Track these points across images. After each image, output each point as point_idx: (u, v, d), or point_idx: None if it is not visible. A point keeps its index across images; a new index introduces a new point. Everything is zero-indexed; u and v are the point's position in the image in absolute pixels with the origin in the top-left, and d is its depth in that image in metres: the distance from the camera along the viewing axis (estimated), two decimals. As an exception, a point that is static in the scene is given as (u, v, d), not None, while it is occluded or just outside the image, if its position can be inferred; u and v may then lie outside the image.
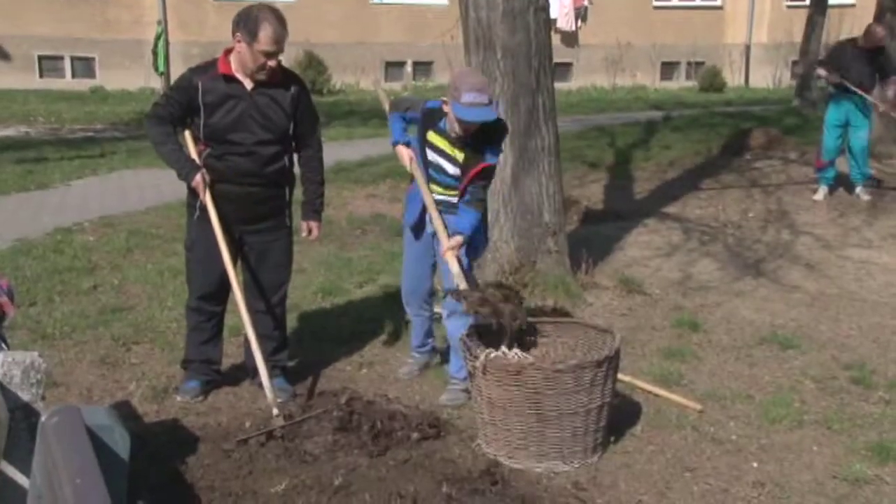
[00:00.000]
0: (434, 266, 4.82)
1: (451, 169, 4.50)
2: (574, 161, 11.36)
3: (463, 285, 4.30)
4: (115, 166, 11.40)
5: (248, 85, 4.36)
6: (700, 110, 17.91)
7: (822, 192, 9.51)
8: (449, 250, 4.37)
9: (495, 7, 6.11)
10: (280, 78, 4.42)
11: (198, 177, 4.36)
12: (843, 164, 9.74)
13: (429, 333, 5.07)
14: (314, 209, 4.74)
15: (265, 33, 4.22)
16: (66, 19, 19.62)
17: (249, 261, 4.62)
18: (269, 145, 4.43)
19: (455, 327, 4.58)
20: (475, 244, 4.64)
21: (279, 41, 4.28)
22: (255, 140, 4.39)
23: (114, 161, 11.72)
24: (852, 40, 9.43)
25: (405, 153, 4.64)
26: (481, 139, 4.42)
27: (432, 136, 4.53)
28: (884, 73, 9.11)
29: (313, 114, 4.63)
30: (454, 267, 4.34)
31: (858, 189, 9.51)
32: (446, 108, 4.39)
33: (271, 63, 4.31)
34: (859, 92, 8.95)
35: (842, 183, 9.81)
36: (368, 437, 4.09)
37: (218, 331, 4.76)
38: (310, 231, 4.74)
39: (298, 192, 4.76)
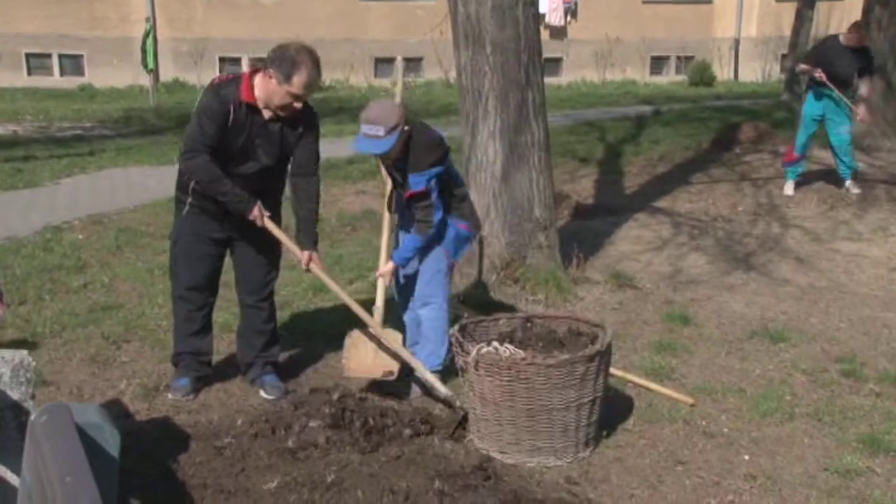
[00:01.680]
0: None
1: (400, 194, 4.64)
2: (564, 156, 11.36)
3: (377, 318, 4.61)
4: (104, 164, 11.36)
5: (266, 115, 4.32)
6: (690, 105, 17.94)
7: (790, 186, 9.53)
8: (379, 275, 4.70)
9: (484, 2, 6.11)
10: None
11: (256, 211, 4.36)
12: (831, 158, 9.79)
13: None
14: (312, 240, 4.60)
15: (300, 79, 4.17)
16: (54, 16, 19.54)
17: (237, 256, 4.62)
18: (269, 172, 4.45)
19: (429, 317, 4.66)
20: (436, 258, 4.70)
21: (312, 88, 4.25)
22: (259, 168, 4.40)
23: (103, 159, 11.68)
24: (836, 37, 9.50)
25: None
26: (406, 167, 4.50)
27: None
28: (864, 71, 9.16)
29: (315, 151, 4.57)
30: (378, 297, 4.65)
31: (848, 183, 9.53)
32: None
33: (297, 105, 4.27)
34: (836, 91, 9.00)
35: (830, 176, 9.84)
36: (361, 433, 4.08)
37: (206, 323, 4.74)
38: (309, 261, 4.56)
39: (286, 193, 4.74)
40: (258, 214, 4.36)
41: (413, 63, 22.89)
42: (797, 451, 4.17)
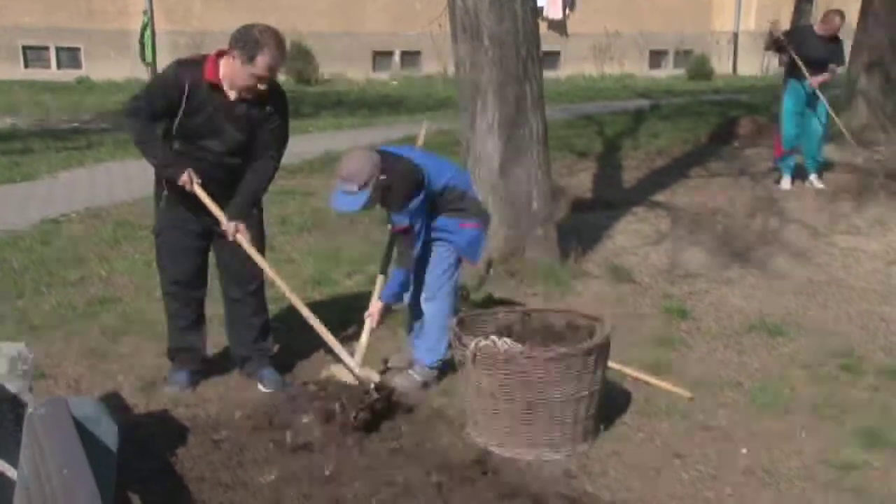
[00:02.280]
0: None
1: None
2: (563, 150, 11.36)
3: (357, 358, 4.54)
4: (102, 157, 11.34)
5: (232, 96, 4.27)
6: (688, 98, 17.96)
7: (787, 181, 9.54)
8: (368, 315, 4.69)
9: (482, -5, 6.10)
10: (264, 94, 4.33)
11: (185, 176, 4.30)
12: (829, 152, 9.80)
13: None
14: (240, 211, 4.42)
15: (263, 59, 4.12)
16: (51, 9, 19.50)
17: (219, 248, 4.59)
18: (237, 155, 4.39)
19: (432, 312, 4.63)
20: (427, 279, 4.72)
21: (275, 68, 4.21)
22: (224, 149, 4.35)
23: (101, 152, 11.66)
24: (811, 25, 9.55)
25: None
26: (388, 206, 4.52)
27: None
28: (833, 61, 9.22)
29: (282, 134, 4.48)
30: (363, 336, 4.63)
31: (812, 177, 9.54)
32: None
33: (261, 86, 4.22)
34: (804, 71, 9.04)
35: (827, 170, 9.86)
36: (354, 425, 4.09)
37: (197, 317, 4.72)
38: (235, 232, 4.39)
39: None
40: (187, 179, 4.30)
41: (411, 57, 22.88)
42: (795, 445, 4.17)
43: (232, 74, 4.22)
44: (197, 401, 4.53)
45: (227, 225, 4.38)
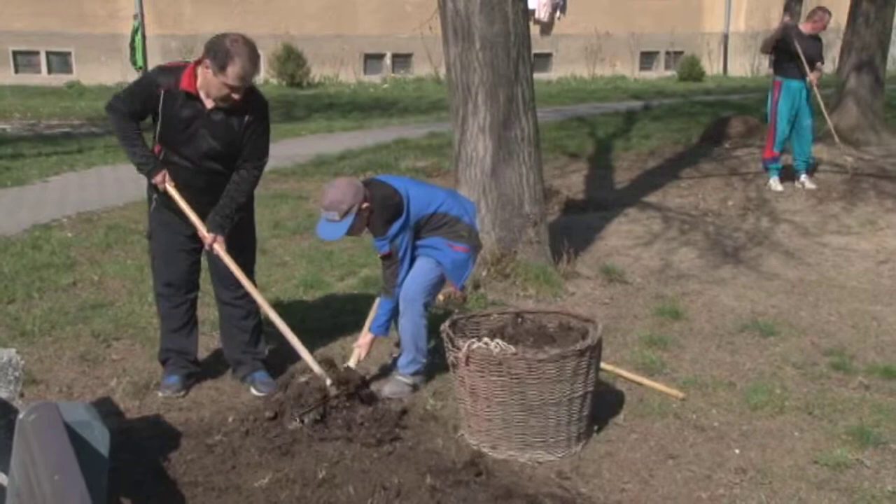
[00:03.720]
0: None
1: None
2: (554, 151, 11.38)
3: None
4: (93, 162, 11.32)
5: (208, 105, 4.30)
6: (679, 99, 18.00)
7: (776, 181, 9.55)
8: (357, 346, 4.65)
9: (473, -3, 6.11)
10: (241, 102, 4.32)
11: (158, 177, 4.37)
12: (819, 151, 9.82)
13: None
14: (220, 224, 4.43)
15: (233, 70, 4.13)
16: (41, 13, 19.45)
17: (212, 254, 4.58)
18: (216, 161, 4.41)
19: (405, 328, 4.62)
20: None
21: (246, 78, 4.21)
22: (203, 155, 4.37)
23: (92, 157, 11.64)
24: (795, 25, 9.58)
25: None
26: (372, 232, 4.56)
27: None
28: (817, 58, 9.26)
29: (263, 144, 4.49)
30: (352, 360, 4.58)
31: (803, 177, 9.56)
32: None
33: (235, 96, 4.24)
34: (806, 68, 9.10)
35: (819, 170, 9.88)
36: (342, 426, 4.09)
37: (189, 319, 4.72)
38: (213, 243, 4.42)
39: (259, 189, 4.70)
40: (160, 180, 4.37)
41: (403, 59, 22.88)
42: (787, 445, 4.18)
43: (206, 84, 4.25)
44: (190, 405, 4.52)
45: (206, 235, 4.42)
